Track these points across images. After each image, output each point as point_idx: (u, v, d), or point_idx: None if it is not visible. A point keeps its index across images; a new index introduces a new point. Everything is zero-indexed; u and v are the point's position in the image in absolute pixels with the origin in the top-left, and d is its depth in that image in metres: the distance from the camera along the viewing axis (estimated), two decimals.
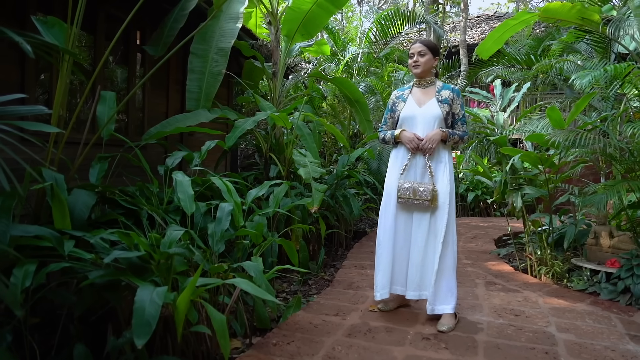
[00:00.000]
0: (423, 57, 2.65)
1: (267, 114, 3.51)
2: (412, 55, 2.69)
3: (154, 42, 3.84)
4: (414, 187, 2.58)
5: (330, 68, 7.49)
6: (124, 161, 3.04)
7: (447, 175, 2.64)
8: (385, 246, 2.70)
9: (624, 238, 3.35)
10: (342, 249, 4.86)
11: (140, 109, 4.65)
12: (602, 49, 5.00)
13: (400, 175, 2.66)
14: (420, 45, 2.67)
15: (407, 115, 2.69)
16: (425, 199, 2.55)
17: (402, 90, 2.84)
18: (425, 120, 2.65)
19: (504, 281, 3.48)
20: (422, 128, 2.65)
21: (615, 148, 3.17)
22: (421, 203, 2.57)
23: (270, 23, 4.83)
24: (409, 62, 2.73)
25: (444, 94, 2.68)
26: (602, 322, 2.68)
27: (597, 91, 3.87)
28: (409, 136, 2.63)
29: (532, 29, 10.09)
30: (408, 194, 2.58)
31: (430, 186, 2.57)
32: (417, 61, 2.66)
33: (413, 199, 2.58)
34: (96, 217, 2.55)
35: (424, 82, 2.74)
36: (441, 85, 2.73)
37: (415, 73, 2.71)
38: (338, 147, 7.33)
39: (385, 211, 2.74)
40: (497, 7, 23.86)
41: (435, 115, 2.64)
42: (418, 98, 2.73)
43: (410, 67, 2.74)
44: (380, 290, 2.69)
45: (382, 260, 2.71)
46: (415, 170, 2.67)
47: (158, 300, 1.67)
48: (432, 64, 2.70)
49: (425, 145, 2.60)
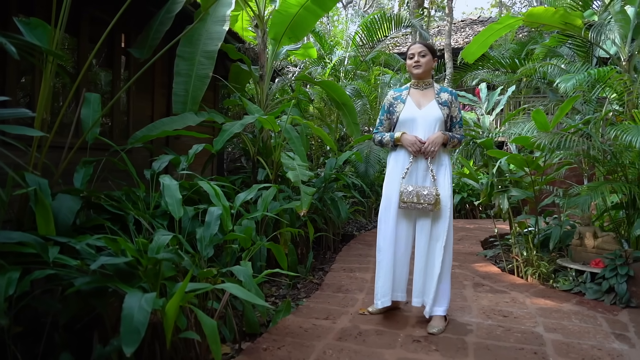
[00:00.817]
0: (424, 57, 2.62)
1: (255, 117, 3.49)
2: (412, 55, 2.64)
3: (139, 45, 3.80)
4: (417, 191, 2.52)
5: (317, 71, 7.49)
6: (109, 165, 2.99)
7: (447, 179, 2.62)
8: (386, 253, 2.64)
9: (608, 239, 3.41)
10: (330, 252, 4.85)
11: (125, 112, 4.59)
12: (584, 53, 5.11)
13: (402, 179, 2.60)
14: (420, 45, 2.65)
15: (407, 117, 2.64)
16: (429, 202, 2.50)
17: (399, 91, 2.77)
18: (427, 123, 2.60)
19: (492, 282, 3.52)
20: (423, 130, 2.60)
21: (598, 150, 3.23)
22: (424, 207, 2.51)
23: (257, 26, 4.82)
24: (409, 62, 2.67)
25: (443, 96, 2.66)
26: (588, 321, 2.72)
27: (580, 94, 3.95)
28: (411, 139, 2.57)
29: (515, 33, 10.25)
30: (411, 198, 2.52)
31: (433, 190, 2.52)
32: (418, 61, 2.61)
33: (416, 204, 2.51)
34: (81, 223, 2.50)
35: (422, 83, 2.68)
36: (439, 87, 2.71)
37: (417, 73, 2.64)
38: (325, 150, 7.34)
39: (386, 216, 2.67)
40: (481, 12, 24.23)
41: (436, 117, 2.60)
42: (417, 100, 2.67)
43: (410, 67, 2.67)
44: (382, 298, 2.63)
45: (382, 267, 2.64)
46: (416, 173, 2.62)
47: (147, 307, 1.64)
48: (431, 65, 2.68)
49: (428, 149, 2.55)
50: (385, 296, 2.62)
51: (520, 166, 3.42)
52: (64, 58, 2.66)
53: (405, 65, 2.74)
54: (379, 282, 2.65)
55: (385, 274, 2.62)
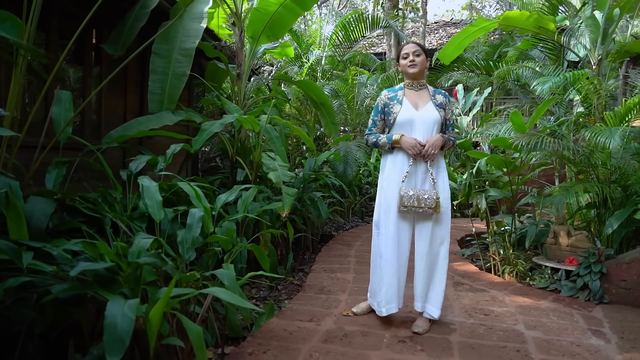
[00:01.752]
0: (418, 57, 2.58)
1: (235, 117, 3.43)
2: (407, 55, 2.59)
3: (113, 41, 3.67)
4: (417, 195, 2.47)
5: (294, 70, 7.45)
6: (82, 166, 2.87)
7: (445, 181, 2.62)
8: (389, 258, 2.55)
9: (581, 237, 3.51)
10: (309, 253, 4.83)
11: (96, 110, 4.43)
12: (555, 56, 5.26)
13: (402, 182, 2.53)
14: (415, 45, 2.61)
15: (405, 118, 2.57)
16: (429, 206, 2.46)
17: (393, 91, 2.69)
18: (425, 125, 2.55)
19: (471, 281, 3.57)
20: (422, 133, 2.55)
21: (572, 151, 3.32)
22: (425, 211, 2.47)
23: (234, 24, 4.74)
24: (403, 62, 2.61)
25: (438, 98, 2.64)
26: (566, 318, 2.79)
27: (556, 97, 4.06)
28: (411, 142, 2.51)
29: (487, 36, 10.47)
30: (412, 202, 2.46)
31: (433, 194, 2.48)
32: (413, 61, 2.57)
33: (417, 207, 2.46)
34: (54, 226, 2.39)
35: (417, 84, 2.64)
36: (433, 89, 2.69)
37: (412, 73, 2.58)
38: (302, 150, 7.31)
39: (387, 221, 2.58)
40: (452, 14, 24.69)
41: (434, 119, 2.56)
42: (414, 101, 2.61)
43: (405, 67, 2.61)
44: (386, 306, 2.55)
45: (385, 273, 2.56)
46: (415, 176, 2.57)
47: (130, 314, 1.58)
48: (426, 65, 2.64)
49: (428, 151, 2.50)
50: (390, 303, 2.55)
51: (499, 167, 3.48)
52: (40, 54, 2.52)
53: (399, 66, 2.69)
54: (382, 289, 2.55)
55: (390, 280, 2.54)
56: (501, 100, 9.77)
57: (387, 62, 9.77)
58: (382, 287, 2.56)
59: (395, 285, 2.55)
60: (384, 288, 2.55)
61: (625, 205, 3.40)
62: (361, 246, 4.94)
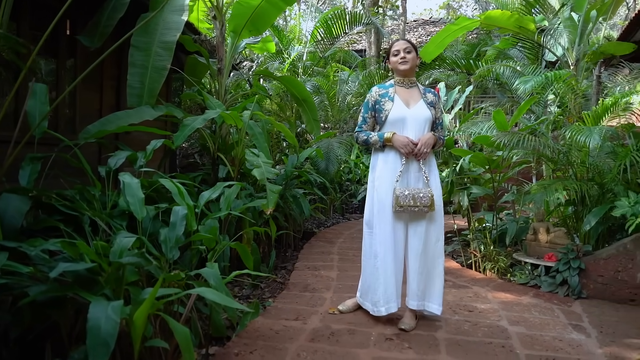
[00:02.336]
0: (409, 54, 2.56)
1: (217, 113, 3.36)
2: (397, 52, 2.57)
3: (89, 32, 3.54)
4: (413, 194, 2.45)
5: (274, 66, 7.37)
6: (58, 162, 2.76)
7: (437, 179, 2.62)
8: (386, 258, 2.52)
9: (560, 233, 3.59)
10: (291, 250, 4.79)
11: (71, 104, 4.28)
12: (533, 56, 5.36)
13: (396, 182, 2.51)
14: (405, 42, 2.60)
15: (397, 116, 2.54)
16: (425, 204, 2.44)
17: (384, 88, 2.65)
18: (417, 123, 2.53)
19: (454, 278, 3.60)
20: (413, 131, 2.53)
21: (553, 150, 3.38)
22: (420, 210, 2.45)
23: (215, 17, 4.64)
24: (394, 59, 2.59)
25: (429, 96, 2.63)
26: (547, 313, 2.84)
27: (537, 96, 4.13)
28: (404, 141, 2.48)
29: (466, 35, 10.62)
30: (407, 201, 2.44)
31: (428, 192, 2.47)
32: (404, 58, 2.55)
33: (412, 207, 2.44)
34: (29, 225, 2.29)
35: (407, 81, 2.62)
36: (423, 87, 2.69)
37: (403, 69, 2.56)
38: (282, 146, 7.25)
39: (381, 221, 2.55)
40: (430, 13, 24.94)
41: (426, 117, 2.55)
42: (405, 98, 2.58)
43: (395, 64, 2.58)
44: (385, 305, 2.51)
45: (382, 273, 2.52)
46: (407, 174, 2.55)
47: (115, 317, 1.52)
48: (416, 62, 2.64)
49: (421, 150, 2.49)
50: (390, 302, 2.51)
51: (482, 164, 3.52)
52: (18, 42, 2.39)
53: (389, 63, 2.67)
54: (380, 288, 2.52)
55: (388, 280, 2.51)
56: (478, 99, 9.92)
57: (367, 59, 9.79)
58: (379, 286, 2.52)
59: (394, 285, 2.52)
60: (382, 288, 2.51)
61: (601, 203, 3.48)
62: (343, 243, 4.93)
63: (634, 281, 3.07)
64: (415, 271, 2.54)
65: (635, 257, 3.07)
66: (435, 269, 2.58)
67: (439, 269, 2.59)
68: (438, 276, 2.58)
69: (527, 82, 3.37)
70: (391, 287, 2.52)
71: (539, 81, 3.41)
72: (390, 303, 2.52)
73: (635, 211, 3.00)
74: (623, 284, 3.09)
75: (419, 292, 2.55)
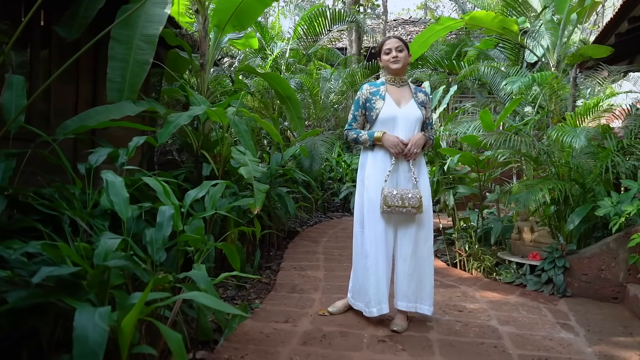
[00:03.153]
0: (401, 52, 2.52)
1: (203, 109, 3.26)
2: (389, 50, 2.52)
3: (66, 22, 3.38)
4: (401, 195, 2.42)
5: (256, 62, 7.26)
6: (34, 159, 2.62)
7: (426, 180, 2.60)
8: (378, 259, 2.49)
9: (543, 233, 3.63)
10: (275, 250, 4.72)
11: (45, 99, 4.09)
12: (514, 56, 5.43)
13: (385, 182, 2.48)
14: (397, 40, 2.55)
15: (387, 115, 2.51)
16: (413, 206, 2.41)
17: (375, 86, 2.62)
18: (408, 122, 2.51)
19: (441, 277, 3.61)
20: (404, 130, 2.50)
21: (539, 150, 3.42)
22: (408, 211, 2.42)
23: (197, 11, 4.52)
24: (385, 58, 2.54)
25: (420, 96, 2.60)
26: (534, 312, 2.86)
27: (522, 97, 4.17)
28: (394, 140, 2.45)
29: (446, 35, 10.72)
30: (395, 201, 2.41)
31: (417, 193, 2.43)
32: (396, 57, 2.50)
33: (401, 207, 2.41)
34: (3, 225, 2.16)
35: (398, 79, 2.58)
36: (414, 87, 2.65)
37: (395, 69, 2.52)
38: (262, 144, 7.15)
39: (372, 221, 2.51)
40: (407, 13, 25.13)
41: (417, 117, 2.52)
42: (396, 97, 2.55)
43: (387, 62, 2.54)
44: (377, 306, 2.48)
45: (373, 273, 2.48)
46: (396, 175, 2.52)
47: (103, 325, 1.43)
48: (408, 60, 2.60)
49: (411, 150, 2.46)
50: (382, 303, 2.48)
51: (470, 164, 3.53)
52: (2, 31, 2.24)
53: (380, 61, 2.63)
54: (371, 289, 2.48)
55: (380, 281, 2.48)
56: (458, 98, 10.04)
57: (349, 57, 9.76)
58: (370, 287, 2.49)
59: (385, 286, 2.50)
60: (373, 288, 2.48)
61: (583, 202, 3.54)
62: (328, 242, 4.89)
63: (616, 279, 3.14)
64: (405, 273, 2.51)
65: (618, 256, 3.14)
66: (425, 271, 2.56)
67: (428, 270, 2.57)
68: (428, 277, 2.57)
69: (514, 83, 3.41)
70: (383, 288, 2.49)
71: (525, 82, 3.45)
72: (382, 304, 2.49)
73: (618, 211, 3.05)
74: (606, 283, 3.15)
75: (410, 294, 2.51)
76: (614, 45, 4.93)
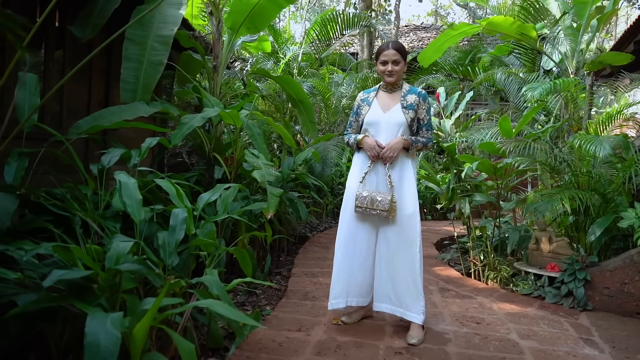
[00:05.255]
0: (397, 65, 2.53)
1: (217, 111, 3.21)
2: (385, 62, 2.54)
3: (81, 23, 3.36)
4: (371, 197, 2.47)
5: (268, 66, 7.23)
6: (45, 158, 2.58)
7: (412, 184, 2.55)
8: (341, 254, 2.59)
9: (562, 243, 3.53)
10: (285, 255, 4.66)
11: (58, 99, 4.08)
12: (531, 63, 5.34)
13: (360, 183, 2.55)
14: (396, 53, 2.52)
15: (370, 120, 2.59)
16: (383, 209, 2.43)
17: (367, 93, 2.72)
18: (389, 127, 2.54)
19: (456, 287, 3.51)
20: (386, 135, 2.55)
21: (559, 159, 3.33)
22: (379, 214, 2.45)
23: (211, 13, 4.49)
24: (381, 68, 2.56)
25: (409, 98, 2.57)
26: (555, 326, 2.77)
27: (543, 103, 4.08)
28: (370, 143, 2.53)
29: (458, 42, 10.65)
30: (366, 203, 2.46)
31: (388, 196, 2.45)
32: (392, 71, 2.53)
33: (371, 209, 2.46)
34: (15, 225, 2.11)
35: (390, 86, 2.62)
36: (408, 88, 2.62)
37: (389, 82, 2.58)
38: (273, 148, 7.10)
39: (343, 218, 2.63)
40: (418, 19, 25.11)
41: (399, 122, 2.53)
42: (384, 102, 2.61)
43: (382, 74, 2.59)
44: (333, 300, 2.57)
45: (336, 268, 2.60)
46: (376, 178, 2.57)
47: (115, 332, 1.37)
48: (404, 70, 2.61)
49: (385, 154, 2.49)
50: (336, 298, 2.57)
51: (488, 171, 3.45)
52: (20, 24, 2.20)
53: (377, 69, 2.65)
54: (332, 283, 2.61)
55: (339, 276, 2.58)
56: (470, 105, 9.94)
57: (360, 62, 9.72)
58: (333, 281, 2.60)
59: (344, 282, 2.56)
60: (333, 283, 2.60)
61: (604, 213, 3.44)
62: None
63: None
64: (381, 274, 2.54)
65: None
66: (408, 277, 2.47)
67: (412, 277, 2.46)
68: (413, 284, 2.46)
69: (534, 90, 3.33)
70: (341, 283, 2.57)
71: (546, 89, 3.37)
72: (337, 299, 2.56)
73: None
74: (629, 297, 3.04)
75: (393, 297, 2.50)
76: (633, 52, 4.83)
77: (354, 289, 2.58)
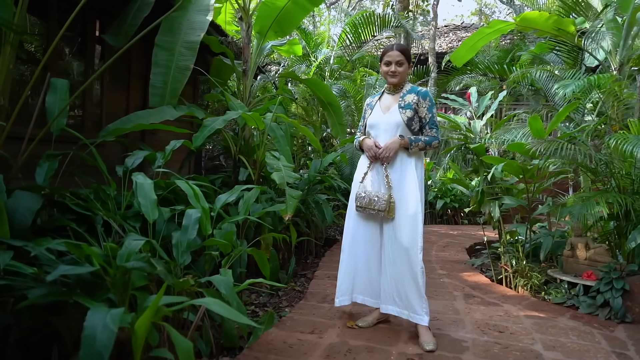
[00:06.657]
0: (401, 66, 2.55)
1: (238, 114, 3.27)
2: (389, 63, 2.56)
3: (114, 32, 3.53)
4: (370, 197, 2.51)
5: (301, 69, 7.29)
6: (77, 160, 2.72)
7: (413, 184, 2.50)
8: (346, 252, 2.65)
9: (600, 250, 3.32)
10: (312, 257, 4.66)
11: (98, 104, 4.29)
12: (572, 60, 5.07)
13: (360, 183, 2.62)
14: (399, 54, 2.54)
15: (372, 122, 2.65)
16: (380, 209, 2.46)
17: (372, 97, 2.80)
18: (388, 128, 2.57)
19: (482, 294, 3.38)
20: (385, 135, 2.57)
21: (593, 160, 3.13)
22: (377, 213, 2.49)
23: (241, 19, 4.59)
24: (384, 69, 2.59)
25: (407, 98, 2.56)
26: (586, 338, 2.60)
27: (578, 102, 3.86)
28: (369, 144, 2.59)
29: (499, 40, 10.31)
30: (365, 202, 2.52)
31: (386, 196, 2.46)
32: (395, 72, 2.55)
33: (370, 209, 2.51)
34: (42, 223, 2.24)
35: (394, 88, 2.64)
36: (408, 88, 2.61)
37: (392, 82, 2.60)
38: (306, 150, 7.13)
39: (348, 218, 2.70)
40: (461, 19, 24.50)
41: (396, 122, 2.54)
42: (385, 104, 2.65)
43: (385, 75, 2.62)
44: (339, 297, 2.64)
45: (342, 266, 2.66)
46: (377, 178, 2.59)
47: (112, 326, 1.41)
48: (407, 72, 2.63)
49: (382, 154, 2.51)
50: (343, 295, 2.63)
51: (516, 174, 3.30)
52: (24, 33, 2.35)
53: (381, 70, 2.68)
54: (338, 281, 2.66)
55: (345, 275, 2.64)
56: (511, 106, 9.58)
57: None
58: (339, 278, 2.66)
59: (349, 280, 2.62)
60: (339, 280, 2.65)
61: None
62: None
63: None
64: (386, 275, 2.53)
65: None
66: (408, 279, 2.41)
67: (413, 279, 2.40)
68: (414, 286, 2.40)
69: (567, 87, 3.14)
70: (346, 281, 2.62)
71: (580, 85, 3.18)
72: (344, 296, 2.62)
73: None
74: None
75: (398, 299, 2.47)
76: None
77: (359, 286, 2.64)
